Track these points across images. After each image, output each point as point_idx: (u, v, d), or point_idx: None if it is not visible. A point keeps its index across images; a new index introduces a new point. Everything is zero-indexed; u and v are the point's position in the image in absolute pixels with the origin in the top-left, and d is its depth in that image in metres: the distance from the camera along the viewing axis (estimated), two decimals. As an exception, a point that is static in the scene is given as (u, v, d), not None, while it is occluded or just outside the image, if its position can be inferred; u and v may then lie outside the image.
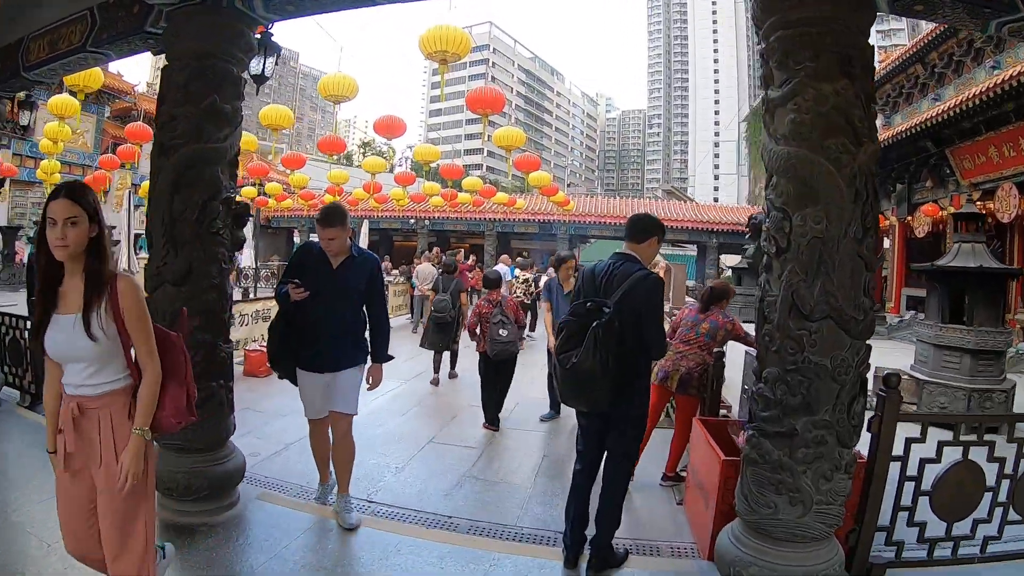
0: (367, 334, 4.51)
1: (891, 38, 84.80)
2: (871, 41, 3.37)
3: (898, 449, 3.71)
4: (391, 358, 4.59)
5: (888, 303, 22.42)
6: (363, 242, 22.66)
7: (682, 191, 74.22)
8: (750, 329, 4.49)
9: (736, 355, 6.15)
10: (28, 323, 6.88)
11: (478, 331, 7.42)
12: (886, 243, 26.16)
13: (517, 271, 16.57)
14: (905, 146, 19.55)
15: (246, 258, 20.55)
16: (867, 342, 3.20)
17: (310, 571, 3.73)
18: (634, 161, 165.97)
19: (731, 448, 4.27)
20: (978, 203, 17.80)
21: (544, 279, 16.07)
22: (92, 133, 28.04)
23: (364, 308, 4.47)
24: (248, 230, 20.72)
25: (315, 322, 4.25)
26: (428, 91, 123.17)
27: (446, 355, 10.03)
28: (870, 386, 3.56)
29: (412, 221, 33.70)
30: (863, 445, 3.56)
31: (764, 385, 3.30)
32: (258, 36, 5.87)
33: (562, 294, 7.36)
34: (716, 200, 79.01)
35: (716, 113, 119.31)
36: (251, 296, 13.15)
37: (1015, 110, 15.36)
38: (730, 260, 32.67)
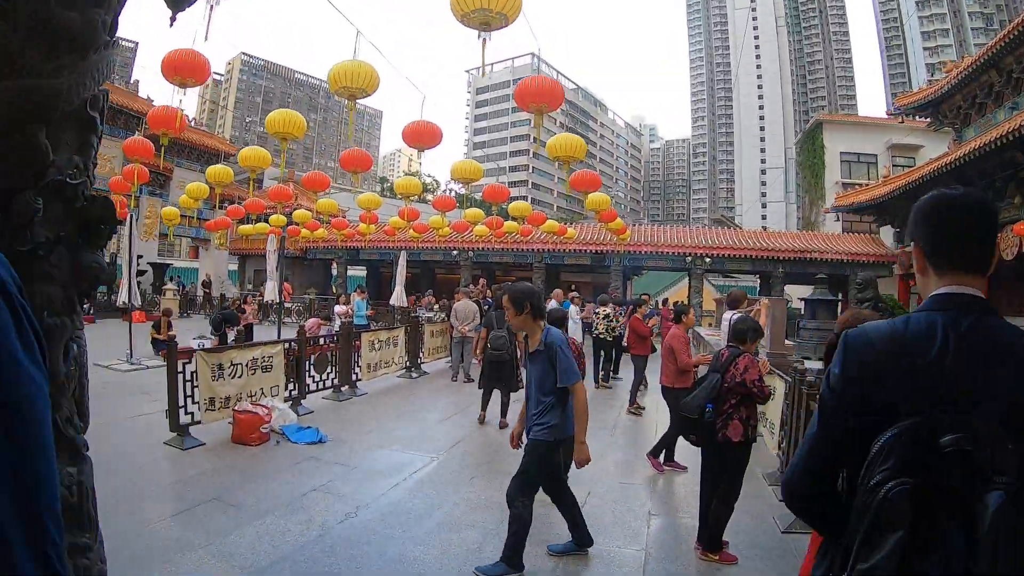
0: None
1: (938, 55, 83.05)
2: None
3: None
4: None
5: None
6: (401, 275, 20.73)
7: (730, 220, 72.30)
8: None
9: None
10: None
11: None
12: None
13: (573, 306, 14.64)
14: (988, 159, 17.70)
15: (269, 292, 18.71)
16: None
17: None
18: (679, 191, 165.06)
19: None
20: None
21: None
22: (120, 159, 26.62)
23: None
24: (271, 260, 18.98)
25: None
26: (472, 123, 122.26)
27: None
28: None
29: (455, 252, 31.72)
30: None
31: None
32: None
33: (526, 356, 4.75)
34: (764, 228, 76.48)
35: (762, 140, 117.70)
36: (278, 337, 11.12)
37: None
38: (798, 291, 30.32)
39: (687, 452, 7.95)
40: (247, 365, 8.26)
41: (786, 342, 10.75)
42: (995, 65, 20.75)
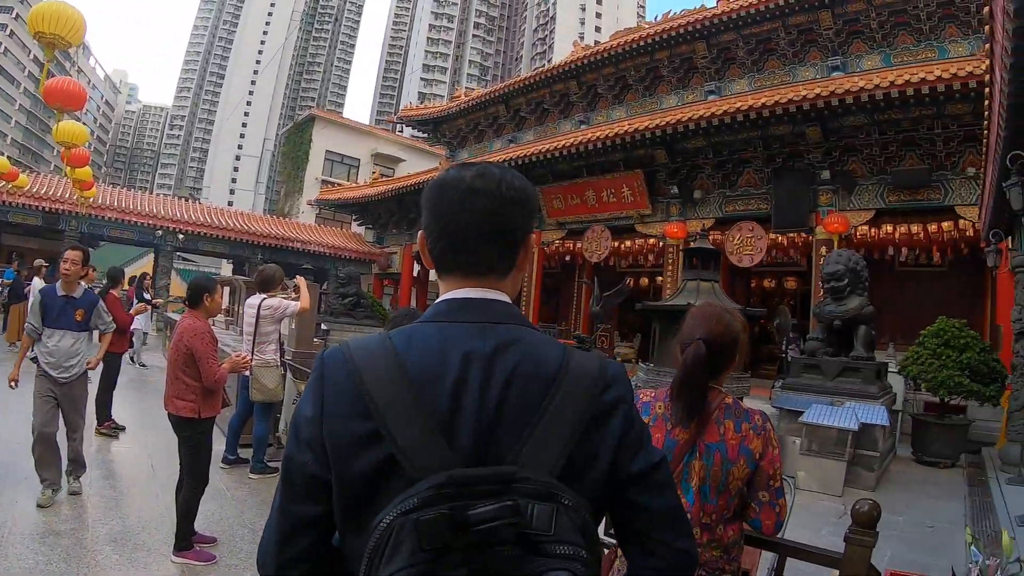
0: None
1: (432, 87, 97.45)
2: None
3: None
4: None
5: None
6: None
7: (196, 199, 70.28)
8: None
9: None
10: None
11: None
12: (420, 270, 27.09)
13: (38, 279, 12.34)
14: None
15: None
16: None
17: None
18: (147, 161, 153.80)
19: None
20: (565, 242, 19.34)
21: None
22: None
23: None
24: None
25: None
26: None
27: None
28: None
29: None
30: None
31: None
32: None
33: None
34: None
35: (244, 126, 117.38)
36: None
37: (624, 160, 17.27)
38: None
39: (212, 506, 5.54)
40: None
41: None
42: (506, 102, 24.21)
